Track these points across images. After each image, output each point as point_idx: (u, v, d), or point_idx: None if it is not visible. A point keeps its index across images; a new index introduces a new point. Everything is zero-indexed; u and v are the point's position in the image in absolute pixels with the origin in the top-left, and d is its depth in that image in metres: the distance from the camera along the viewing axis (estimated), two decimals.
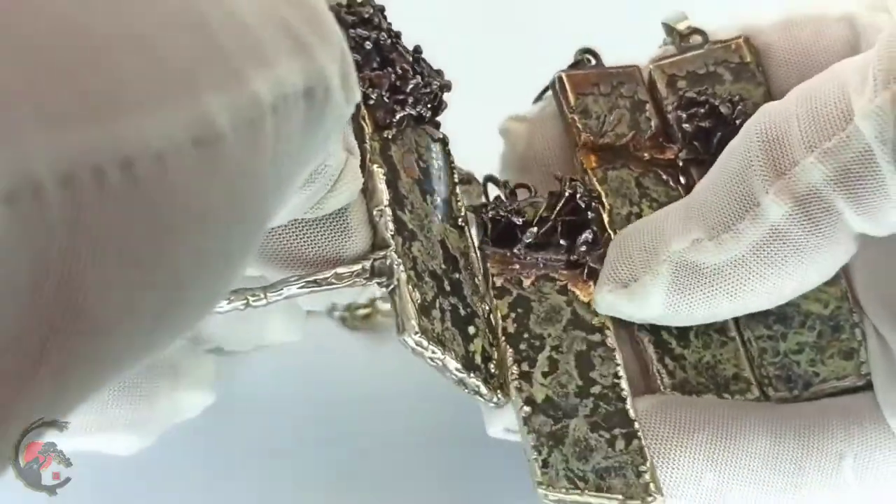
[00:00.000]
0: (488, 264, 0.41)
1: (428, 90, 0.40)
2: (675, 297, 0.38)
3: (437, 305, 0.38)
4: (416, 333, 0.36)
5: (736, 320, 0.41)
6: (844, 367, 0.41)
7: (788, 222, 0.36)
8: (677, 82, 0.45)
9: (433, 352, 0.37)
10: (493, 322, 0.40)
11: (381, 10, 0.40)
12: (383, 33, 0.39)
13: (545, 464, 0.37)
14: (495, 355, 0.39)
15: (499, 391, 0.38)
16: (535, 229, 0.41)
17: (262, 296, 0.35)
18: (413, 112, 0.40)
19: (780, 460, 0.38)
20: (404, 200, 0.39)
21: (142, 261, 0.20)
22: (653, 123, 0.45)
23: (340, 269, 0.37)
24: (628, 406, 0.39)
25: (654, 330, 0.41)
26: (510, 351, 0.39)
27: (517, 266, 0.41)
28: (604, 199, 0.42)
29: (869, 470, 0.38)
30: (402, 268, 0.37)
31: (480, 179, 0.44)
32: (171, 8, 0.22)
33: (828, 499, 0.38)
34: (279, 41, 0.25)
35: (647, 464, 0.38)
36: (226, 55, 0.23)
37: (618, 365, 0.39)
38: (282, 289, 0.36)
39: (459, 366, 0.37)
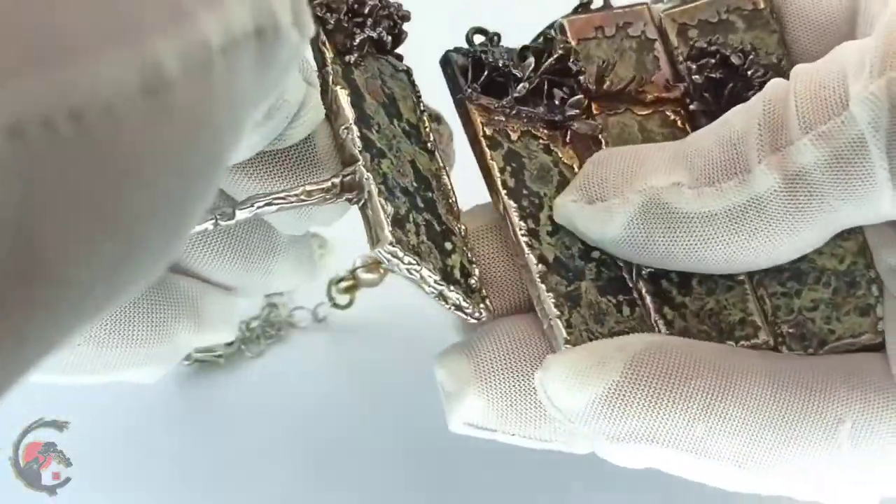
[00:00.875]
0: (472, 112, 0.40)
1: (385, 12, 0.39)
2: (636, 228, 0.37)
3: (412, 219, 0.37)
4: (391, 243, 0.35)
5: (749, 275, 0.40)
6: (861, 323, 0.39)
7: (771, 197, 0.35)
8: (688, 31, 0.43)
9: (409, 262, 0.36)
10: (468, 243, 0.39)
11: None
12: None
13: (569, 324, 0.37)
14: (475, 272, 0.39)
15: (481, 306, 0.38)
16: (526, 84, 0.40)
17: (231, 213, 0.36)
18: (373, 34, 0.39)
19: (776, 417, 0.36)
20: (370, 120, 0.38)
21: (98, 210, 0.20)
22: (661, 63, 0.43)
23: (310, 186, 0.36)
24: (625, 274, 0.39)
25: (652, 279, 0.39)
26: (514, 206, 0.39)
27: (502, 118, 0.40)
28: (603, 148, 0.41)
29: (867, 438, 0.36)
30: (371, 181, 0.36)
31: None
32: None
33: (817, 461, 0.36)
34: None
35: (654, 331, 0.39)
36: None
37: None
38: (251, 205, 0.36)
39: (438, 277, 0.37)
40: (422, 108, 0.41)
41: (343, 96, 0.37)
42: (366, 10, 0.38)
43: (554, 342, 0.37)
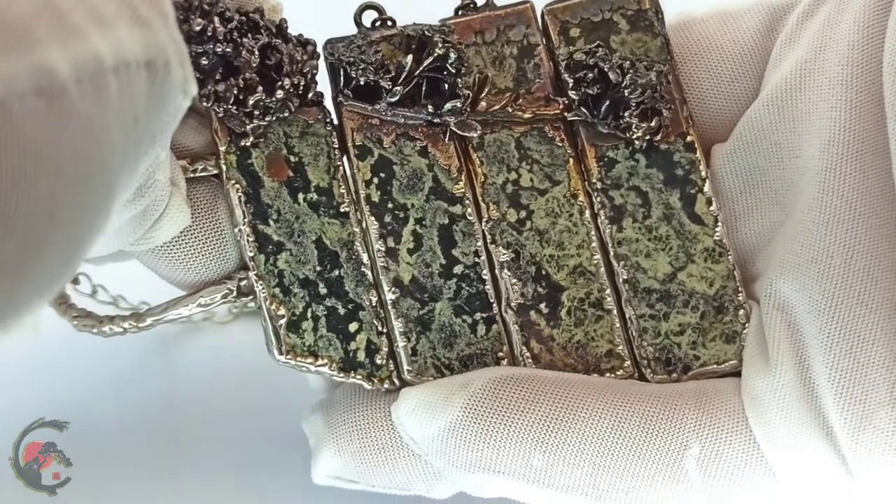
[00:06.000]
0: (344, 118, 0.40)
1: (273, 100, 0.38)
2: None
3: (309, 315, 0.38)
4: (282, 354, 0.37)
5: (617, 295, 0.39)
6: (726, 350, 0.39)
7: None
8: (570, 30, 0.41)
9: (303, 366, 0.38)
10: (383, 305, 0.39)
11: (220, 11, 0.37)
12: (220, 43, 0.36)
13: (414, 352, 0.38)
14: (384, 346, 0.39)
15: (386, 381, 0.39)
16: (399, 88, 0.39)
17: (136, 325, 0.38)
18: (264, 122, 0.38)
19: (618, 445, 0.36)
20: (268, 210, 0.38)
21: None
22: (542, 71, 0.41)
23: (205, 297, 0.38)
24: (488, 287, 0.39)
25: (521, 310, 0.39)
26: (375, 224, 0.39)
27: (377, 122, 0.40)
28: (477, 169, 0.40)
29: (715, 464, 0.36)
30: (263, 289, 0.37)
31: None
32: None
33: (664, 489, 0.36)
34: (117, 11, 0.25)
35: (505, 349, 0.39)
36: (63, 13, 0.23)
37: (478, 241, 0.39)
38: (148, 321, 0.38)
39: (336, 371, 0.38)
40: (337, 163, 0.40)
41: (235, 194, 0.38)
42: (251, 102, 0.37)
43: (400, 367, 0.39)
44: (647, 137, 0.40)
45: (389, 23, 0.41)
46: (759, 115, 0.39)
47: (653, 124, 0.39)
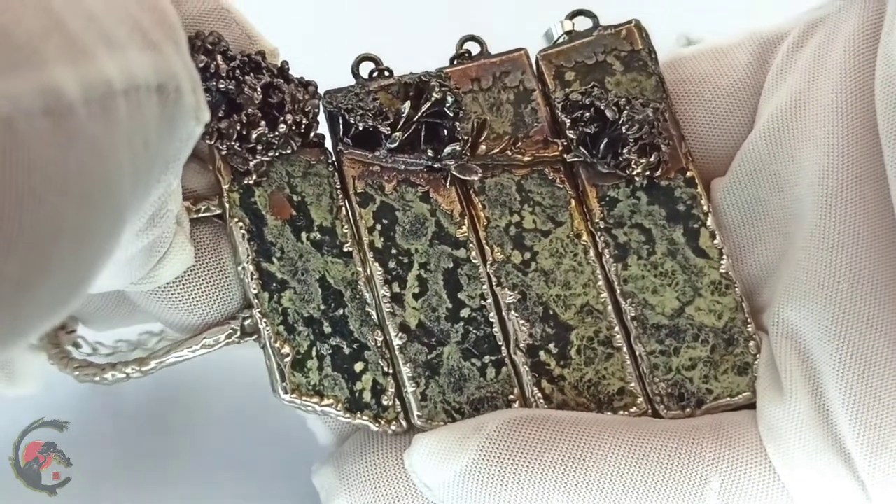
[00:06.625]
0: (345, 166, 0.40)
1: (276, 134, 0.38)
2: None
3: (314, 354, 0.37)
4: (286, 392, 0.36)
5: (626, 332, 0.39)
6: (738, 383, 0.39)
7: None
8: (565, 74, 0.42)
9: (309, 406, 0.37)
10: (389, 345, 0.39)
11: (223, 50, 0.37)
12: (222, 80, 0.37)
13: (423, 397, 0.38)
14: (390, 386, 0.38)
15: (393, 423, 0.38)
16: (399, 134, 0.39)
17: (139, 369, 0.37)
18: (266, 158, 0.38)
19: (638, 483, 0.36)
20: (271, 249, 0.38)
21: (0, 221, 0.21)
22: (539, 115, 0.41)
23: (209, 338, 0.37)
24: (496, 330, 0.39)
25: (530, 350, 0.39)
26: (380, 271, 0.39)
27: (377, 169, 0.40)
28: (479, 213, 0.40)
29: (736, 496, 0.36)
30: (267, 327, 0.37)
31: None
32: None
33: None
34: (128, 34, 0.25)
35: (515, 391, 0.39)
36: (72, 34, 0.23)
37: (483, 284, 0.39)
38: (152, 364, 0.37)
39: (342, 411, 0.37)
40: (339, 203, 0.40)
41: (238, 232, 0.37)
42: (253, 137, 0.37)
43: (410, 412, 0.38)
44: (647, 174, 0.40)
45: (386, 73, 0.41)
46: (756, 147, 0.40)
47: (652, 160, 0.40)
